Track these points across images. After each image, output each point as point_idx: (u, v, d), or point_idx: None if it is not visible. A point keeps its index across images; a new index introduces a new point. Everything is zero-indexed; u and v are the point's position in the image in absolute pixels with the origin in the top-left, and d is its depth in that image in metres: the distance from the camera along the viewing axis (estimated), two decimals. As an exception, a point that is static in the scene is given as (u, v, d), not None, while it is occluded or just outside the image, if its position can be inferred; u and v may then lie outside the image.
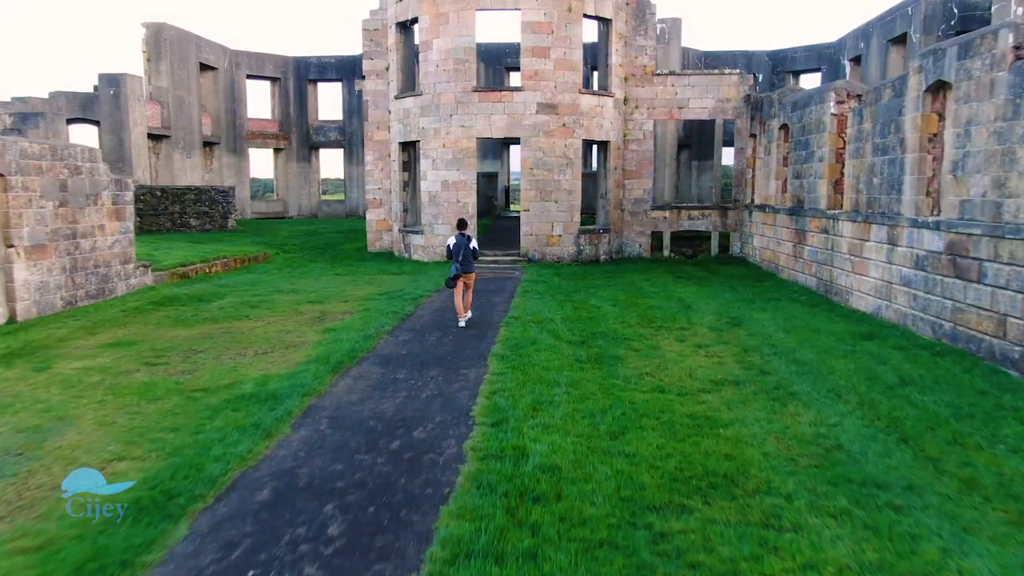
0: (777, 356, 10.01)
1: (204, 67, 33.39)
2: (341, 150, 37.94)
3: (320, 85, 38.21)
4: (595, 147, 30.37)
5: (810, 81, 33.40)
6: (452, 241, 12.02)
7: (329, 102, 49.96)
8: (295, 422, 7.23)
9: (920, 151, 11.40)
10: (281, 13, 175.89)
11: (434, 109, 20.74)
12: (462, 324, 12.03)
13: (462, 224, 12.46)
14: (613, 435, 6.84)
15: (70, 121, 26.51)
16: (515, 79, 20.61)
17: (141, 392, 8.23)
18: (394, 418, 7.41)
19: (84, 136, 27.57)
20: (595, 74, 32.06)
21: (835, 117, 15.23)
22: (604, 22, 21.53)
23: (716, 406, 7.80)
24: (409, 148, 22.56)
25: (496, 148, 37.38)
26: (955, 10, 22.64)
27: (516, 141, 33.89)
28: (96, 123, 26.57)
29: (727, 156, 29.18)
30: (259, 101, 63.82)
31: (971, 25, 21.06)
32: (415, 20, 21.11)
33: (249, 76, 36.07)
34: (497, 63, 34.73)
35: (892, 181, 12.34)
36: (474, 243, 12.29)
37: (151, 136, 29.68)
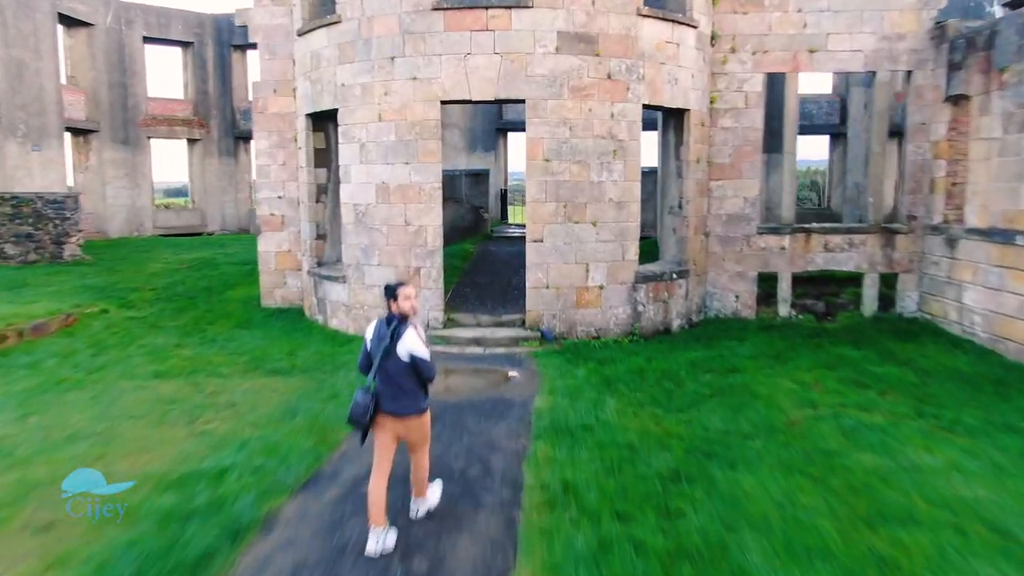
0: None
1: (70, 21, 23.52)
2: (280, 141, 27.99)
3: (250, 53, 28.28)
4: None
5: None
6: (369, 332, 4.77)
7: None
8: None
9: None
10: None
11: (362, 48, 10.93)
12: (372, 552, 4.58)
13: (391, 292, 4.71)
14: None
15: None
16: None
17: None
18: None
19: None
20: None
21: None
22: None
23: None
24: (326, 124, 12.77)
25: (486, 130, 26.44)
26: None
27: (520, 127, 23.52)
28: None
29: (804, 145, 19.06)
30: (165, 74, 50.66)
31: None
32: None
33: (148, 40, 26.15)
34: (488, 18, 24.69)
35: None
36: (416, 348, 4.61)
37: (-34, 117, 19.86)
